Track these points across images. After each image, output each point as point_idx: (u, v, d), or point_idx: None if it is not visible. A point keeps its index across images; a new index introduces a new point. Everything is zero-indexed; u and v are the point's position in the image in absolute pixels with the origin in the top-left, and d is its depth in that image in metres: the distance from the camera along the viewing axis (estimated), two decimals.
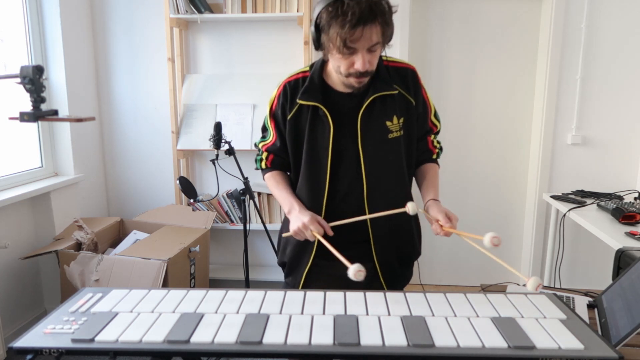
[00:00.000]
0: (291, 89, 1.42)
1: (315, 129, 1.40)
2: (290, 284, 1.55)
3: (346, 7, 1.18)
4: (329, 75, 1.41)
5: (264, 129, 1.54)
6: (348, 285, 1.28)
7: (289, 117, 1.42)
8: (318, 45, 1.30)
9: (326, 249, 1.32)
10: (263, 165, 1.55)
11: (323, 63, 1.42)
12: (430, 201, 1.42)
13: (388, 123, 1.39)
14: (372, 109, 1.38)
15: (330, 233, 1.33)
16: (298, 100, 1.39)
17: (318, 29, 1.26)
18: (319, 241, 1.39)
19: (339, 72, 1.31)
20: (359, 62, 1.25)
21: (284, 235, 1.46)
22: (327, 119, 1.37)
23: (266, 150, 1.53)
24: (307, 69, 1.44)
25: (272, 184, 1.52)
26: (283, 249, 1.57)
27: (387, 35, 1.27)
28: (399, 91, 1.40)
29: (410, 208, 1.32)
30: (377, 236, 1.45)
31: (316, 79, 1.40)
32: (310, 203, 1.43)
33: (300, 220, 1.34)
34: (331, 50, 1.26)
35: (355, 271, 1.14)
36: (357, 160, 1.40)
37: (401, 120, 1.41)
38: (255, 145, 1.58)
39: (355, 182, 1.41)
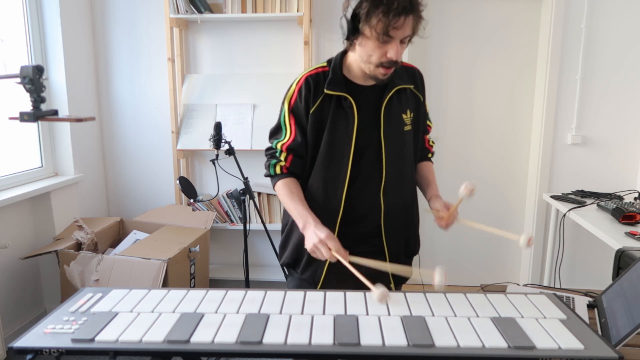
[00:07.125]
0: (314, 82, 1.41)
1: (337, 119, 1.40)
2: (308, 280, 1.49)
3: None
4: (348, 69, 1.43)
5: (277, 130, 1.47)
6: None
7: (312, 110, 1.41)
8: (351, 34, 1.31)
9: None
10: (278, 170, 1.46)
11: (342, 59, 1.44)
12: (433, 196, 1.53)
13: (404, 116, 1.45)
14: (392, 101, 1.42)
15: (348, 259, 1.27)
16: (326, 90, 1.39)
17: (354, 19, 1.28)
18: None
19: (370, 61, 1.32)
20: (392, 51, 1.28)
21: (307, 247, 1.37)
22: (353, 109, 1.39)
23: (286, 150, 1.44)
24: (325, 64, 1.45)
25: (284, 193, 1.43)
26: (294, 246, 1.50)
27: (416, 29, 1.32)
28: (412, 87, 1.47)
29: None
30: (389, 230, 1.47)
31: (338, 72, 1.42)
32: (328, 194, 1.43)
33: (316, 236, 1.29)
34: (369, 38, 1.28)
35: (380, 295, 1.13)
36: (378, 151, 1.42)
37: (412, 115, 1.47)
38: (269, 149, 1.49)
39: (374, 173, 1.43)
